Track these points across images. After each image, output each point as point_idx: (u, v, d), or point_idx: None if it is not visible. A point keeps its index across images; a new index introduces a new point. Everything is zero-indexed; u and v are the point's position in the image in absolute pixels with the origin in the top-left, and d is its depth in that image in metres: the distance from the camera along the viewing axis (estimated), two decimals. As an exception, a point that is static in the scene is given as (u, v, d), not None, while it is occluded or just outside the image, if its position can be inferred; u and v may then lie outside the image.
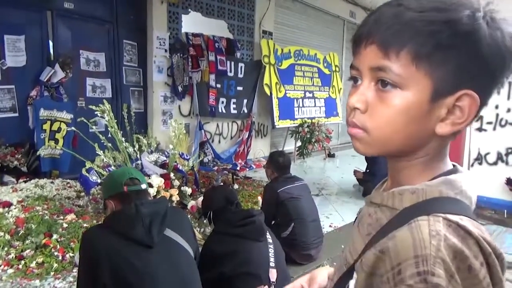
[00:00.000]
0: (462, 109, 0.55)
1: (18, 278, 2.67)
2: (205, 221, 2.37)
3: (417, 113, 0.56)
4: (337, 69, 9.13)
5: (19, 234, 3.06)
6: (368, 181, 5.16)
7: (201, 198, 2.55)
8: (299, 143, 7.62)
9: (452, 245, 0.50)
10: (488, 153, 4.23)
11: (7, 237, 3.01)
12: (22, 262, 2.82)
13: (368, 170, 5.27)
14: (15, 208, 3.30)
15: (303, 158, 7.70)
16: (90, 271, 1.41)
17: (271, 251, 2.04)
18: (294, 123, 7.61)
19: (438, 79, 0.54)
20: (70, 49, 4.81)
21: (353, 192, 5.48)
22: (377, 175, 5.05)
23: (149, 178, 3.57)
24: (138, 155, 3.79)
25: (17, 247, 2.95)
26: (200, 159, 5.10)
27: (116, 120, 3.75)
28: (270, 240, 2.10)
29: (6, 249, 2.91)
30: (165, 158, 3.90)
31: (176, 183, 3.81)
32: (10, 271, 2.74)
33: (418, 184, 0.59)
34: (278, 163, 3.22)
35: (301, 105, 7.92)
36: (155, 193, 3.48)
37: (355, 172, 5.45)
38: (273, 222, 3.09)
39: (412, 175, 0.61)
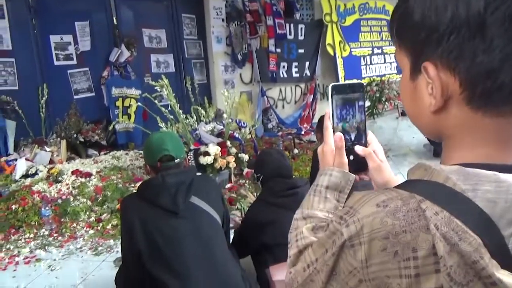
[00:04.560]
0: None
1: (97, 238, 3.09)
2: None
3: (408, 92, 0.55)
4: (410, 19, 8.37)
5: (98, 200, 3.50)
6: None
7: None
8: (368, 103, 7.28)
9: (390, 224, 0.46)
10: None
11: (89, 203, 3.47)
12: (100, 224, 3.25)
13: (439, 129, 4.90)
14: (94, 178, 3.74)
15: (373, 119, 7.36)
16: (128, 234, 1.59)
17: None
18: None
19: (408, 56, 0.54)
20: (133, 29, 5.12)
21: (424, 153, 5.15)
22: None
23: (207, 147, 3.76)
24: (196, 126, 4.00)
25: (96, 212, 3.39)
26: (256, 126, 5.15)
27: (174, 94, 3.98)
28: None
29: (87, 213, 3.37)
30: (221, 127, 4.05)
31: (233, 150, 3.96)
32: (91, 232, 3.18)
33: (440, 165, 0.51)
34: (326, 126, 3.14)
35: (368, 62, 7.51)
36: (212, 161, 3.68)
37: (425, 131, 5.10)
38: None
39: (444, 158, 0.55)
